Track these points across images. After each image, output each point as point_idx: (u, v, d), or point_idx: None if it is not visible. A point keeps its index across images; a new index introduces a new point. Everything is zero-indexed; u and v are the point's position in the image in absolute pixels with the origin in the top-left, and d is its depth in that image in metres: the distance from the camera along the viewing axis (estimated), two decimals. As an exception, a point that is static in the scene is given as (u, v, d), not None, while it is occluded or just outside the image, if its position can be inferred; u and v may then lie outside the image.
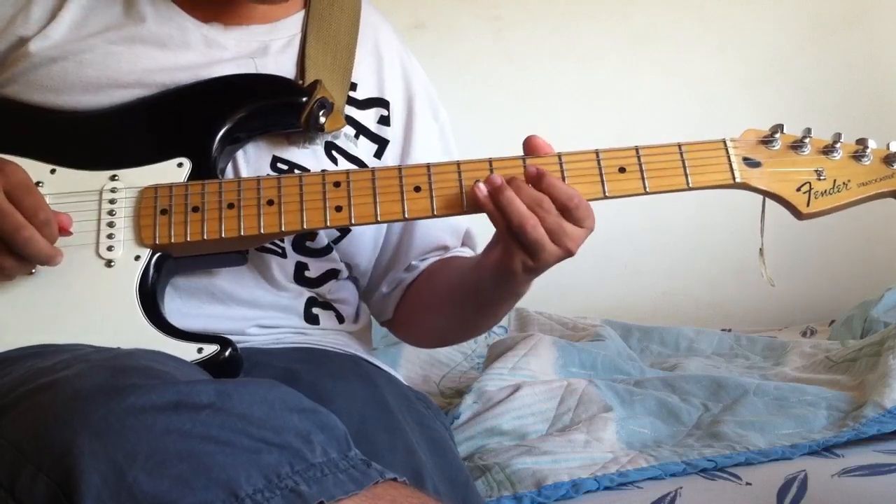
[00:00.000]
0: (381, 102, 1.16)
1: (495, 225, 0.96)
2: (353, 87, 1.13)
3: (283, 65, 1.10)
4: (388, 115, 1.16)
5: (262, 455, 0.65)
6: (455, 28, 2.51)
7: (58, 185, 0.98)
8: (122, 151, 1.01)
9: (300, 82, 1.08)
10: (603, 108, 2.53)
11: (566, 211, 0.94)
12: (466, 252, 1.23)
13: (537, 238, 0.93)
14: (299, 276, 1.09)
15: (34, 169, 0.97)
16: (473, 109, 2.39)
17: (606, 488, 1.16)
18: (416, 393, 1.16)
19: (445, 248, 1.20)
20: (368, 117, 1.14)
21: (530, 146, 0.99)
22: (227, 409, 0.68)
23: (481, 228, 1.13)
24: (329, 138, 1.09)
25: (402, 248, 1.18)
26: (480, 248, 1.11)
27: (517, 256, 0.95)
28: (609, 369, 1.66)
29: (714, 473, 1.19)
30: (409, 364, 1.79)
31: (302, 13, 1.14)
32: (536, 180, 0.95)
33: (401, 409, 1.04)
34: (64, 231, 0.94)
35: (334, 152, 1.09)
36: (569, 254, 0.95)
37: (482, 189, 0.95)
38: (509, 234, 0.94)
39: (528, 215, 0.93)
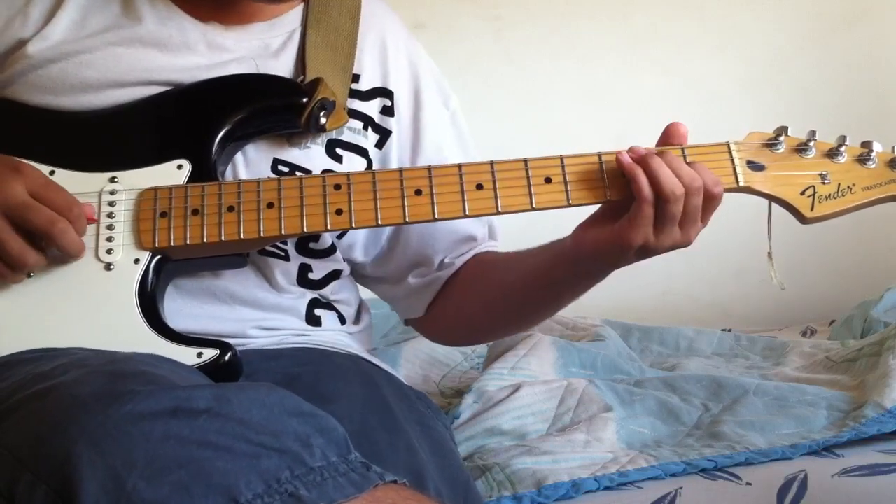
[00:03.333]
0: (385, 93, 1.14)
1: (636, 191, 0.94)
2: (356, 78, 1.12)
3: (283, 62, 1.09)
4: (392, 106, 1.14)
5: (262, 460, 0.65)
6: (455, 28, 2.51)
7: None
8: (122, 153, 1.01)
9: (301, 78, 1.07)
10: (603, 108, 2.53)
11: (709, 198, 0.95)
12: (496, 246, 1.21)
13: (676, 213, 0.93)
14: (302, 279, 1.08)
15: (33, 171, 0.96)
16: (473, 109, 2.37)
17: (606, 488, 1.16)
18: (416, 393, 1.16)
19: (473, 239, 1.18)
20: (372, 108, 1.13)
21: (670, 133, 0.99)
22: (226, 413, 0.68)
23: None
24: (333, 135, 1.08)
25: (427, 238, 1.15)
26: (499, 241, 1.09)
27: (641, 229, 0.94)
28: (609, 369, 1.66)
29: (714, 473, 1.19)
30: (409, 364, 1.79)
31: (301, 7, 1.14)
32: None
33: (401, 409, 1.04)
34: (91, 221, 0.95)
35: (338, 149, 1.09)
36: (686, 243, 0.96)
37: (625, 156, 0.95)
38: (648, 203, 0.93)
39: (679, 185, 0.93)
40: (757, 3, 2.58)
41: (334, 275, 1.12)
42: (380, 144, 1.13)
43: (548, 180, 0.98)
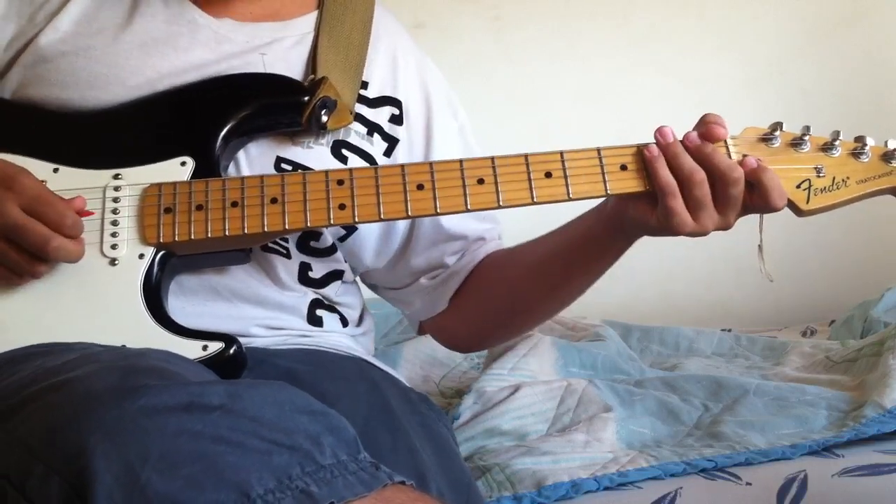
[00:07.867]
0: (393, 101, 1.15)
1: (656, 181, 0.97)
2: (364, 85, 1.13)
3: (292, 60, 1.10)
4: (401, 115, 1.15)
5: (273, 456, 0.65)
6: (455, 28, 2.51)
7: (61, 184, 0.97)
8: (126, 150, 1.01)
9: (311, 77, 1.08)
10: (603, 108, 2.53)
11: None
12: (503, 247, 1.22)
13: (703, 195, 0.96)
14: (303, 277, 1.08)
15: (37, 168, 0.96)
16: (473, 109, 2.38)
17: (606, 488, 1.16)
18: (417, 394, 1.16)
19: (482, 238, 1.19)
20: (381, 116, 1.14)
21: (705, 123, 1.04)
22: (238, 410, 0.68)
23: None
24: (340, 136, 1.08)
25: (438, 243, 1.16)
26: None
27: (677, 216, 0.97)
28: (609, 369, 1.66)
29: (714, 473, 1.19)
30: (409, 364, 1.79)
31: (315, 14, 1.15)
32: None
33: (403, 411, 1.04)
34: (85, 215, 0.95)
35: (344, 150, 1.09)
36: (727, 225, 0.99)
37: (653, 150, 0.99)
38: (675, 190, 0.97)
39: (696, 169, 0.97)
40: (757, 3, 2.59)
41: (335, 275, 1.12)
42: (388, 152, 1.14)
43: (548, 175, 0.99)
